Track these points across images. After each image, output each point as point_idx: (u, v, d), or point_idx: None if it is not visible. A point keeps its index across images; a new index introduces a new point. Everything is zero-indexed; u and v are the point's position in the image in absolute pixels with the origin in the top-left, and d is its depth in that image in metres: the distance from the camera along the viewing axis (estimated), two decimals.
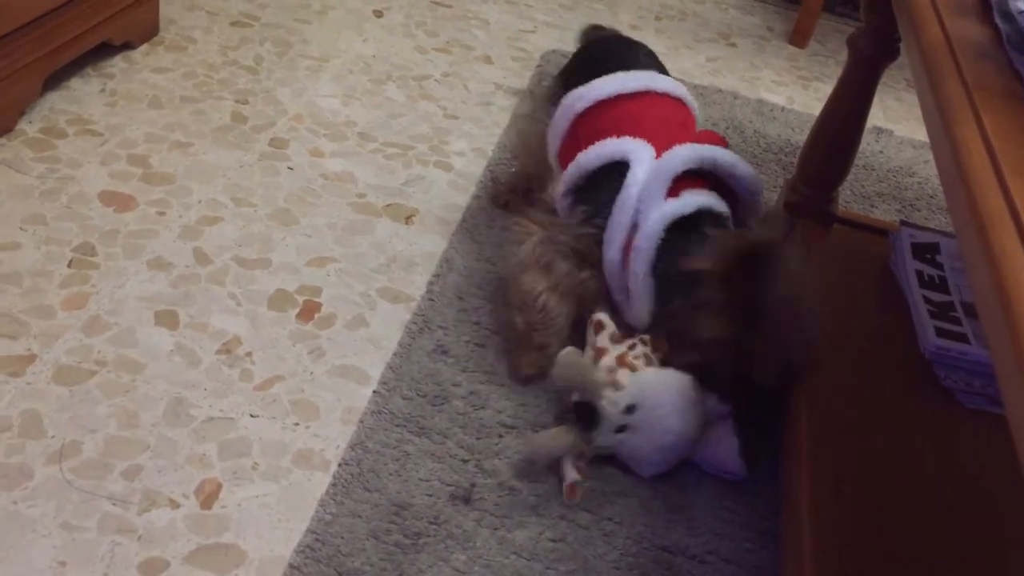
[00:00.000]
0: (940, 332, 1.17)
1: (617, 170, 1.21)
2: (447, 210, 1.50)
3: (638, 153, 1.20)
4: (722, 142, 1.24)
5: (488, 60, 1.95)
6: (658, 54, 2.06)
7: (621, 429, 1.08)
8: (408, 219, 1.47)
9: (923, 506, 0.99)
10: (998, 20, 0.81)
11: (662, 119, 1.27)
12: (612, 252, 1.19)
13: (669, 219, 1.14)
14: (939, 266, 1.29)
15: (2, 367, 1.11)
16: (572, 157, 1.26)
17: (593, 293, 1.22)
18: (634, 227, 1.17)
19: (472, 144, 1.67)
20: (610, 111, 1.28)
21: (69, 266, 1.26)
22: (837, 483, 1.00)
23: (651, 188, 1.17)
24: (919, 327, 1.20)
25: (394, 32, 1.99)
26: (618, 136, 1.24)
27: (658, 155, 1.20)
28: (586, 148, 1.25)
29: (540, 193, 1.36)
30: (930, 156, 1.90)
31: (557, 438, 1.08)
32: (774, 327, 1.04)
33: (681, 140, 1.21)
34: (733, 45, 2.24)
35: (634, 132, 1.24)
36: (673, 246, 1.14)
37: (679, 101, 1.31)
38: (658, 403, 1.08)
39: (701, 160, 1.18)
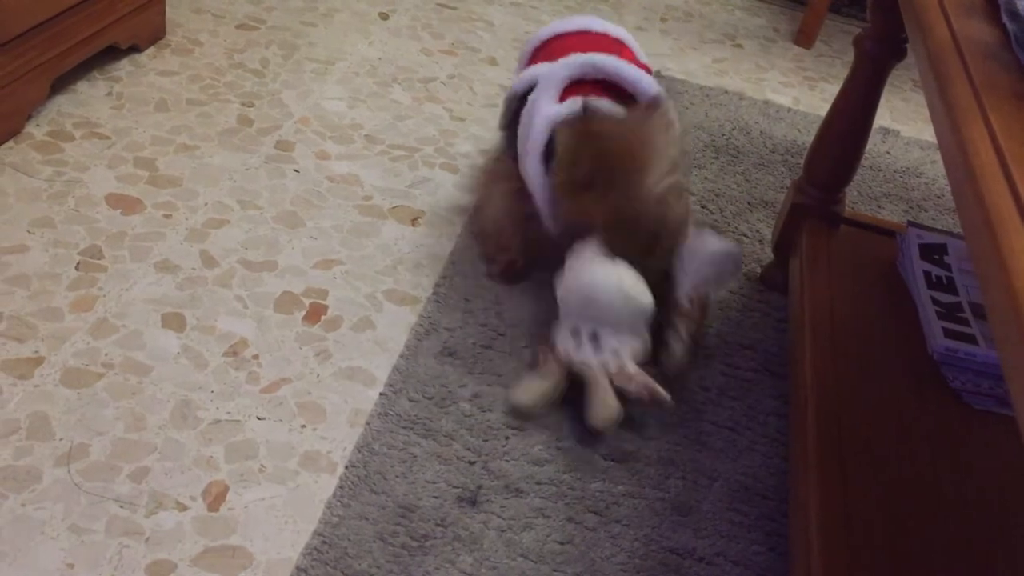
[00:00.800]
0: (948, 333, 1.17)
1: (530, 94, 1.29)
2: (453, 212, 1.50)
3: (543, 72, 1.27)
4: (629, 56, 1.31)
5: (493, 62, 1.95)
6: (663, 55, 2.07)
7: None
8: (414, 221, 1.47)
9: (931, 507, 0.99)
10: (1005, 20, 0.80)
11: (591, 48, 1.32)
12: (523, 164, 1.26)
13: (550, 122, 1.21)
14: (947, 267, 1.29)
15: (10, 369, 1.11)
16: None
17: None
18: None
19: (478, 146, 1.67)
20: (546, 48, 1.35)
21: (77, 269, 1.27)
22: (845, 484, 1.00)
23: (541, 97, 1.24)
24: (927, 328, 1.19)
25: (400, 34, 1.99)
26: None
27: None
28: None
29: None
30: (937, 156, 1.90)
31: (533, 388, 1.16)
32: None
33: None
34: (739, 46, 2.23)
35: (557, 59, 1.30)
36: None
37: (615, 39, 1.37)
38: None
39: (585, 66, 1.24)
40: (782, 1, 2.51)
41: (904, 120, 2.05)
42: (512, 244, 1.34)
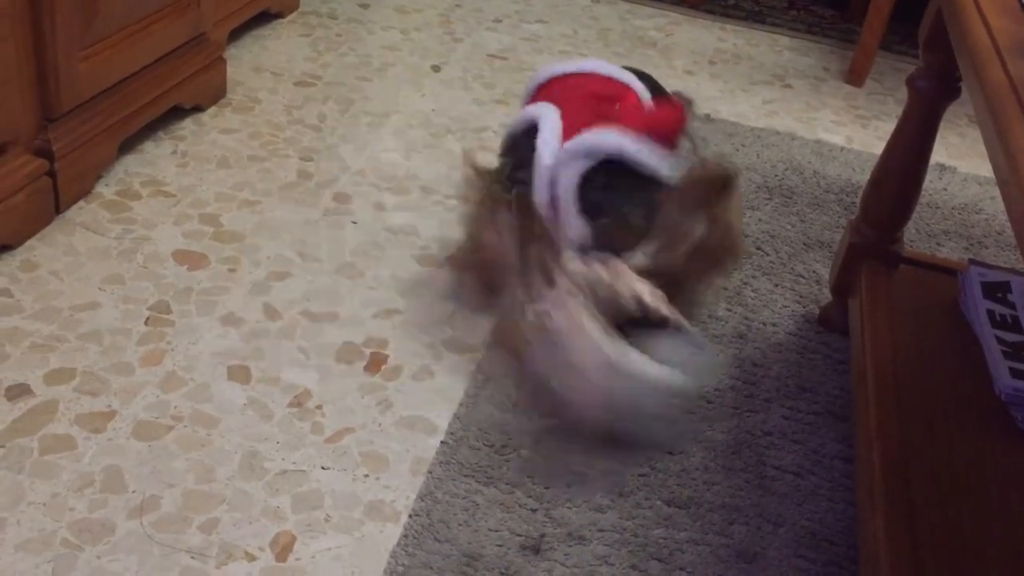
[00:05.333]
0: (1015, 373, 1.15)
1: (529, 133, 1.33)
2: None
3: (545, 115, 1.32)
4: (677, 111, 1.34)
5: None
6: (713, 98, 2.08)
7: None
8: None
9: (1004, 552, 0.97)
10: None
11: (588, 90, 1.37)
12: (541, 202, 1.29)
13: (581, 172, 1.25)
14: (1011, 305, 1.27)
15: (85, 424, 1.15)
16: None
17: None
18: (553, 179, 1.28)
19: None
20: (544, 91, 1.40)
21: (146, 324, 1.30)
22: (914, 529, 0.98)
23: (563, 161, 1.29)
24: (993, 368, 1.18)
25: (452, 86, 2.03)
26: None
27: (566, 119, 1.31)
28: None
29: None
30: (996, 192, 1.87)
31: None
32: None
33: (604, 107, 1.33)
34: (789, 86, 2.24)
35: (556, 101, 1.35)
36: (591, 184, 1.24)
37: (615, 79, 1.40)
38: None
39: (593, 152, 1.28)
40: (831, 40, 2.51)
41: (960, 156, 2.03)
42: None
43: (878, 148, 1.56)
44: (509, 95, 2.02)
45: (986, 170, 1.95)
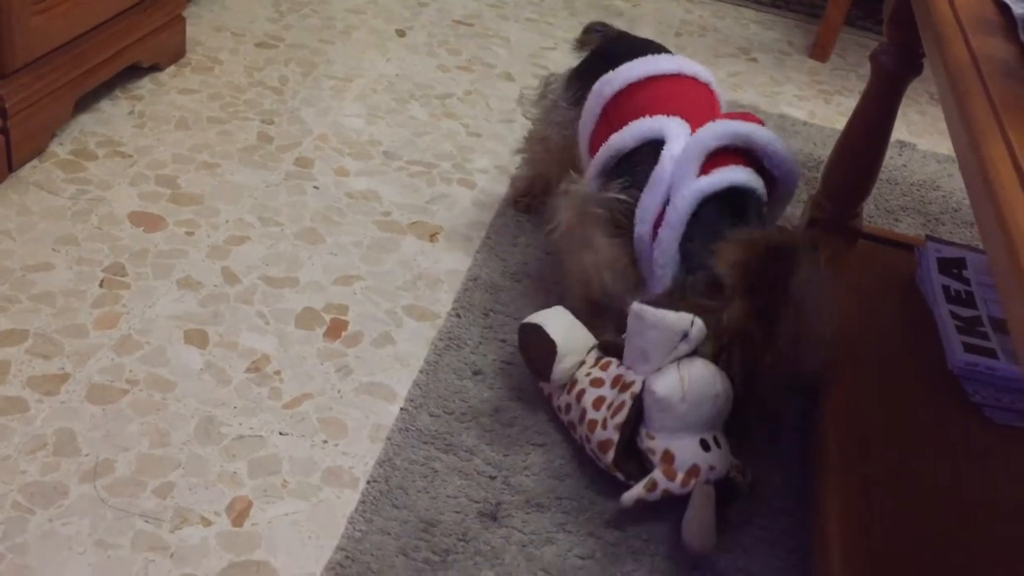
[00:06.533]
0: (968, 347, 1.17)
1: (652, 148, 1.22)
2: (471, 227, 1.51)
3: (673, 129, 1.21)
4: (758, 121, 1.24)
5: (509, 77, 1.96)
6: None
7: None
8: (433, 237, 1.48)
9: (953, 521, 0.99)
10: (1023, 37, 0.81)
11: (692, 100, 1.28)
12: (644, 226, 1.19)
13: (700, 196, 1.15)
14: (966, 281, 1.29)
15: (37, 386, 1.13)
16: (604, 141, 1.27)
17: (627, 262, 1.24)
18: (666, 202, 1.18)
19: (495, 162, 1.68)
20: (641, 93, 1.28)
21: (101, 286, 1.28)
22: (866, 500, 1.00)
23: (684, 165, 1.18)
24: (946, 343, 1.20)
25: (417, 51, 2.00)
26: (651, 116, 1.25)
27: (692, 132, 1.21)
28: (619, 130, 1.26)
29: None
30: (954, 169, 1.90)
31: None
32: (788, 326, 1.05)
33: (712, 119, 1.21)
34: (754, 60, 2.24)
35: (666, 112, 1.24)
36: (702, 222, 1.15)
37: (706, 85, 1.32)
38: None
39: (735, 136, 1.18)
40: (797, 14, 2.52)
41: (921, 133, 2.05)
42: (601, 298, 1.26)
43: (840, 123, 1.57)
44: (475, 62, 2.00)
45: (945, 148, 1.98)
